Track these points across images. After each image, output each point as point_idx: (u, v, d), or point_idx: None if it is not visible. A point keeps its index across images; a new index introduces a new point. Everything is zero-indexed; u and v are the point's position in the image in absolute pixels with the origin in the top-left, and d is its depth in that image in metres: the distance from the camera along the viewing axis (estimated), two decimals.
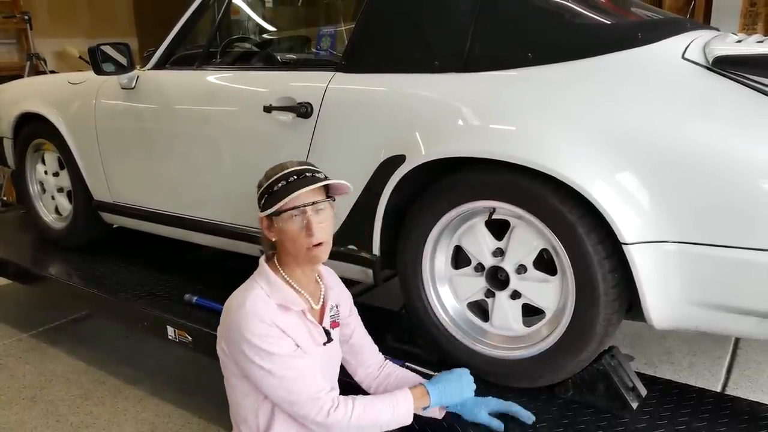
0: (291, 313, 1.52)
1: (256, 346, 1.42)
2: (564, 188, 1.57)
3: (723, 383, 2.57)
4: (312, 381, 1.45)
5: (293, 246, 1.49)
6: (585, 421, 1.67)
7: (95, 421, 2.49)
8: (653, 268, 1.52)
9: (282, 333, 1.46)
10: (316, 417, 1.42)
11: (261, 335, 1.43)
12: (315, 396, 1.43)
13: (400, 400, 1.51)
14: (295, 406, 1.43)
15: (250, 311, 1.44)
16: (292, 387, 1.43)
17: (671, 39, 1.66)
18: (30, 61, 5.91)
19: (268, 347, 1.42)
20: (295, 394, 1.43)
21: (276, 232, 1.51)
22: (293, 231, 1.47)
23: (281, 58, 2.78)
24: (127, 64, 2.54)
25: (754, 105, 1.46)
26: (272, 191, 1.48)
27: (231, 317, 1.48)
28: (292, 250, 1.51)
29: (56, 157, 3.08)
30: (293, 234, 1.48)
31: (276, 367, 1.42)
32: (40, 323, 3.35)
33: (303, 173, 1.49)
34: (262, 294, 1.49)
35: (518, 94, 1.70)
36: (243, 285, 1.56)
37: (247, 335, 1.43)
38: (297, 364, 1.45)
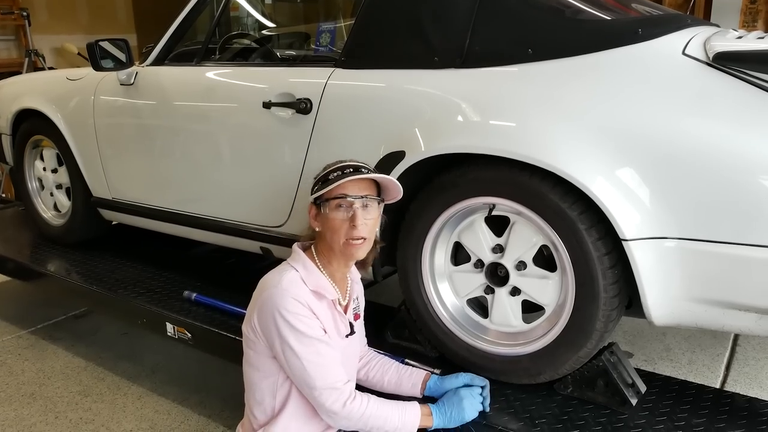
0: (323, 301, 1.55)
1: (289, 323, 1.45)
2: (564, 184, 1.57)
3: (722, 380, 2.58)
4: (334, 369, 1.49)
5: (333, 236, 1.52)
6: (584, 417, 1.67)
7: (94, 417, 2.49)
8: (653, 265, 1.52)
9: (314, 316, 1.49)
10: (332, 405, 1.47)
11: (295, 313, 1.46)
12: (334, 385, 1.47)
13: (409, 412, 1.55)
14: (315, 390, 1.47)
15: (286, 289, 1.48)
16: (315, 372, 1.46)
17: (672, 35, 1.65)
18: (28, 57, 5.91)
19: (300, 326, 1.46)
20: (318, 380, 1.46)
21: (321, 221, 1.54)
22: (337, 220, 1.51)
23: (280, 54, 2.78)
24: (126, 60, 2.54)
25: (755, 101, 1.46)
26: (326, 179, 1.53)
27: (266, 293, 1.50)
28: (331, 241, 1.53)
29: (55, 153, 3.07)
30: (336, 223, 1.51)
31: (304, 349, 1.46)
32: (39, 320, 3.35)
33: (360, 168, 1.54)
34: (298, 277, 1.52)
35: (518, 90, 1.70)
36: (277, 268, 1.58)
37: (282, 311, 1.46)
38: (323, 349, 1.48)
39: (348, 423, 1.49)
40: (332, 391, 1.47)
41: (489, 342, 1.84)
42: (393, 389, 1.76)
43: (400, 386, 1.75)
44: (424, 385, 1.74)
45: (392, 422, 1.51)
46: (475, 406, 1.66)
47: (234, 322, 2.21)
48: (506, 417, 1.68)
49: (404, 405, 1.56)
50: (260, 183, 2.23)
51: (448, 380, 1.73)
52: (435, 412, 1.60)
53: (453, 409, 1.62)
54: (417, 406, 1.57)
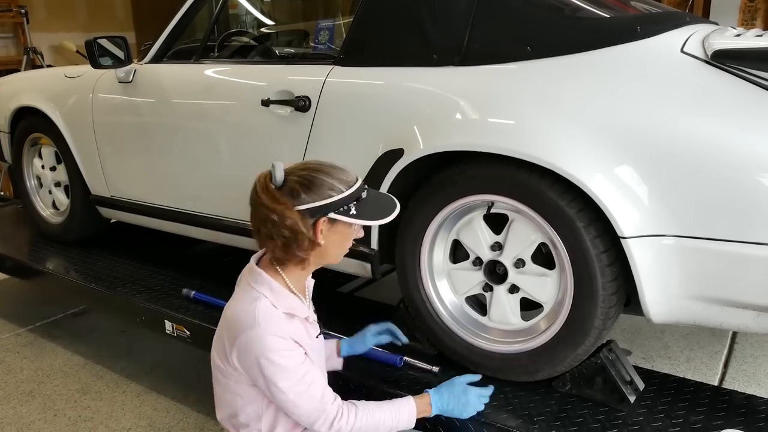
0: (295, 319, 1.48)
1: (274, 363, 1.38)
2: (562, 182, 1.57)
3: (720, 377, 2.58)
4: (319, 392, 1.44)
5: (339, 250, 1.49)
6: (583, 415, 1.67)
7: (93, 415, 2.49)
8: (651, 262, 1.52)
9: (294, 343, 1.43)
10: (321, 428, 1.44)
11: (278, 350, 1.39)
12: (321, 408, 1.44)
13: (402, 409, 1.53)
14: (302, 417, 1.44)
15: (265, 329, 1.39)
16: (301, 400, 1.42)
17: (670, 33, 1.65)
18: (27, 55, 5.90)
19: (284, 362, 1.39)
20: (303, 407, 1.43)
21: (330, 236, 1.44)
22: (349, 234, 1.48)
23: (279, 52, 2.77)
24: (125, 57, 2.53)
25: (753, 99, 1.46)
26: (361, 198, 1.45)
27: (245, 335, 1.40)
28: (333, 255, 1.49)
29: (53, 151, 3.07)
30: (347, 236, 1.48)
31: (289, 384, 1.40)
32: (37, 318, 3.35)
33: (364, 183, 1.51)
34: (269, 305, 1.43)
35: (517, 87, 1.70)
36: (242, 296, 1.47)
37: (267, 354, 1.38)
38: (307, 375, 1.43)
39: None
40: (320, 413, 1.43)
41: (487, 339, 1.84)
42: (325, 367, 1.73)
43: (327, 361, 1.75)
44: (338, 352, 1.81)
45: (386, 425, 1.49)
46: (477, 405, 1.64)
47: None
48: (505, 414, 1.68)
49: (397, 403, 1.54)
50: None
51: (358, 338, 1.84)
52: (434, 401, 1.58)
53: (453, 400, 1.59)
54: (410, 402, 1.55)
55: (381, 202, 1.50)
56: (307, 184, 1.40)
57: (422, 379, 1.86)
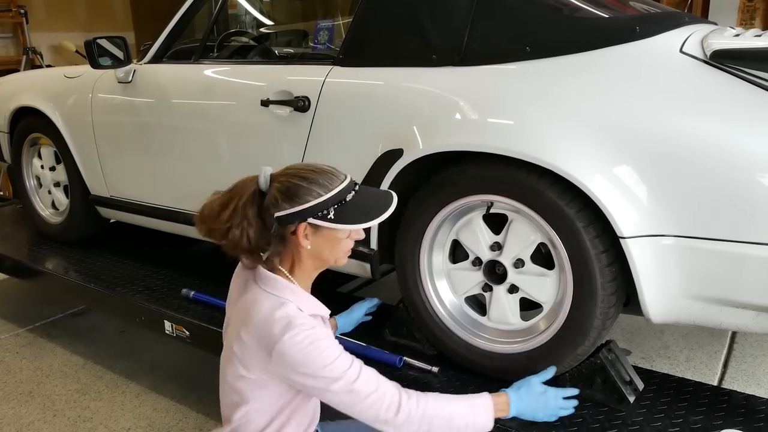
0: (318, 319, 1.46)
1: (319, 360, 1.34)
2: (562, 182, 1.57)
3: (720, 377, 2.58)
4: (372, 377, 1.38)
5: (332, 253, 1.44)
6: (582, 415, 1.67)
7: (92, 415, 2.49)
8: (651, 262, 1.52)
9: (331, 338, 1.40)
10: (388, 413, 1.35)
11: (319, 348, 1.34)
12: (382, 392, 1.36)
13: (477, 404, 1.45)
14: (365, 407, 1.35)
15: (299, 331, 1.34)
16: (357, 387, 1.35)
17: (669, 33, 1.65)
18: (26, 55, 5.90)
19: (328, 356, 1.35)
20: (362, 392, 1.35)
21: (317, 242, 1.42)
22: (339, 238, 1.43)
23: (279, 52, 2.77)
24: (124, 57, 2.53)
25: (752, 99, 1.46)
26: (345, 201, 1.40)
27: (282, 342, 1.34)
28: (328, 257, 1.45)
29: (53, 151, 3.07)
30: (342, 242, 1.43)
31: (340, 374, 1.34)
32: (37, 318, 3.35)
33: (355, 182, 1.45)
34: (296, 308, 1.39)
35: (516, 87, 1.70)
36: (264, 303, 1.40)
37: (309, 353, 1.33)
38: (355, 364, 1.37)
39: (409, 428, 1.36)
40: (382, 400, 1.35)
41: (487, 339, 1.84)
42: None
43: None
44: (334, 329, 1.87)
45: (461, 418, 1.40)
46: (555, 408, 1.58)
47: None
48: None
49: (472, 398, 1.45)
50: None
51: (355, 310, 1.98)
52: (513, 401, 1.52)
53: (532, 400, 1.55)
54: (487, 398, 1.46)
55: (368, 204, 1.43)
56: (284, 190, 1.39)
57: (422, 379, 1.87)
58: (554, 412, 1.59)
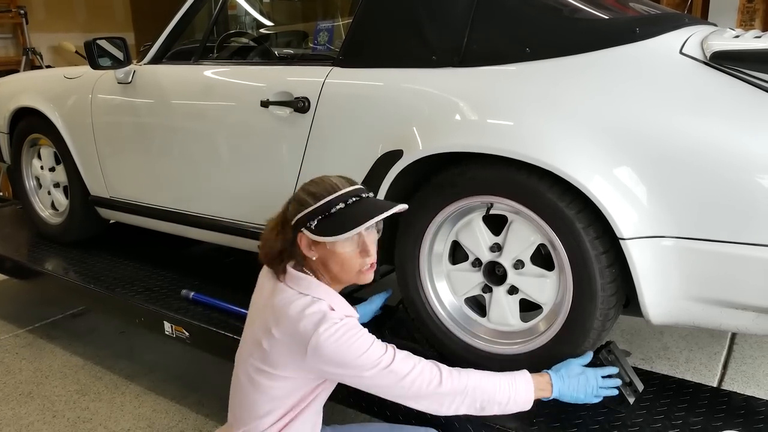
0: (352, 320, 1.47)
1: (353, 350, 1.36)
2: (562, 183, 1.57)
3: (719, 378, 2.58)
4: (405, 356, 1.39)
5: (342, 268, 1.44)
6: (582, 416, 1.67)
7: (92, 416, 2.49)
8: (651, 263, 1.52)
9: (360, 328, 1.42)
10: (430, 388, 1.36)
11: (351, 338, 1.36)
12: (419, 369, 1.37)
13: (518, 379, 1.46)
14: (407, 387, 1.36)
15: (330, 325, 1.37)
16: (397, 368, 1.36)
17: (669, 34, 1.65)
18: (26, 55, 5.91)
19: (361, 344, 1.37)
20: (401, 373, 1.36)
21: (321, 253, 1.42)
22: (346, 254, 1.42)
23: (278, 53, 2.77)
24: (124, 58, 2.53)
25: (752, 100, 1.46)
26: (329, 213, 1.39)
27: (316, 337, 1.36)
28: (340, 273, 1.45)
29: (52, 152, 3.07)
30: (346, 256, 1.43)
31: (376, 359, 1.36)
32: (36, 319, 3.34)
33: (359, 193, 1.43)
34: (327, 307, 1.41)
35: (516, 88, 1.70)
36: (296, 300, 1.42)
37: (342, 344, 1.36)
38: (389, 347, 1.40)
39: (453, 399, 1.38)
40: (422, 377, 1.36)
41: (487, 341, 1.84)
42: None
43: None
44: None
45: (503, 392, 1.42)
46: (595, 387, 1.57)
47: (232, 321, 2.22)
48: (504, 416, 1.67)
49: (512, 375, 1.47)
50: (258, 182, 2.22)
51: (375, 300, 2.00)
52: (555, 381, 1.53)
53: (573, 381, 1.55)
54: (527, 376, 1.48)
55: (359, 214, 1.41)
56: (296, 200, 1.47)
57: None
58: (595, 392, 1.59)
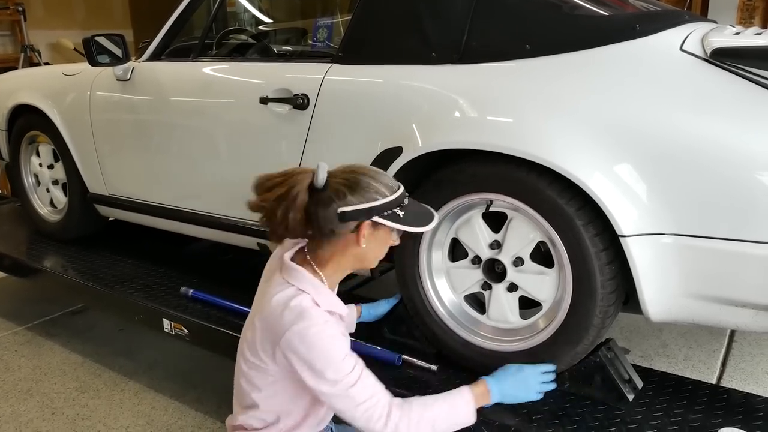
0: (335, 316, 1.46)
1: (322, 356, 1.34)
2: (561, 181, 1.56)
3: (718, 375, 2.59)
4: (369, 385, 1.38)
5: (376, 254, 1.47)
6: (581, 413, 1.67)
7: (91, 413, 2.49)
8: (650, 261, 1.52)
9: (341, 336, 1.41)
10: (376, 425, 1.36)
11: (325, 343, 1.35)
12: (373, 403, 1.37)
13: (456, 400, 1.46)
14: (356, 414, 1.36)
15: (310, 323, 1.35)
16: (352, 393, 1.35)
17: (669, 31, 1.65)
18: (24, 53, 5.90)
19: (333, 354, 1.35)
20: (355, 399, 1.36)
21: (371, 240, 1.42)
22: (389, 239, 1.46)
23: (277, 50, 2.77)
24: (122, 55, 2.52)
25: (752, 97, 1.46)
26: (404, 204, 1.43)
27: (291, 332, 1.35)
28: (372, 258, 1.47)
29: (51, 149, 3.06)
30: (387, 241, 1.46)
31: (339, 377, 1.35)
32: (35, 316, 3.34)
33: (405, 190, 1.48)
34: (311, 301, 1.40)
35: (515, 85, 1.69)
36: (281, 292, 1.42)
37: (313, 346, 1.34)
38: (357, 368, 1.37)
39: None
40: (372, 411, 1.36)
41: (486, 338, 1.84)
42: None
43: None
44: (358, 315, 1.90)
45: (443, 420, 1.42)
46: (535, 385, 1.60)
47: (231, 319, 2.21)
48: (503, 413, 1.68)
49: (451, 395, 1.46)
50: None
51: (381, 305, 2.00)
52: (492, 386, 1.53)
53: (511, 381, 1.56)
54: (465, 392, 1.47)
55: (420, 210, 1.48)
56: (352, 185, 1.38)
57: (421, 377, 1.86)
58: (536, 388, 1.62)
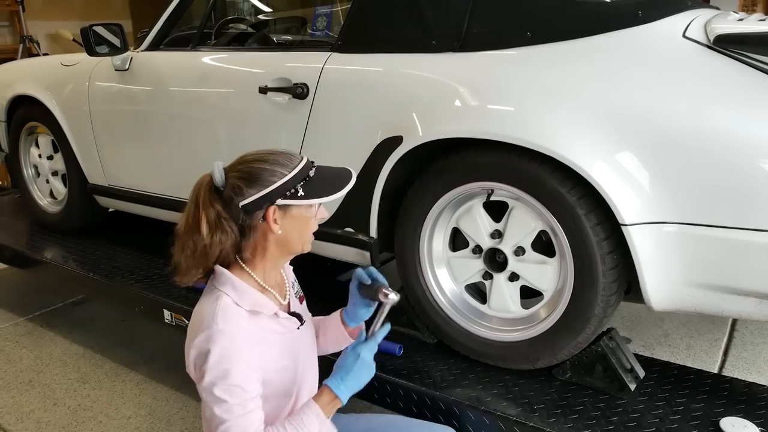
0: (261, 315, 1.41)
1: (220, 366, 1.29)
2: (563, 169, 1.55)
3: (720, 365, 2.58)
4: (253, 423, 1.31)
5: (300, 237, 1.40)
6: (583, 403, 1.67)
7: (93, 404, 2.49)
8: (653, 250, 1.51)
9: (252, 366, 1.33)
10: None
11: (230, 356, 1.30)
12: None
13: (306, 417, 1.36)
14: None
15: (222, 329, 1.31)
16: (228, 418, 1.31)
17: (672, 17, 1.63)
18: (23, 43, 5.88)
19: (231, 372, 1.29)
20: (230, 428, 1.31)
21: (286, 224, 1.37)
22: (308, 217, 1.40)
23: (277, 39, 2.75)
24: (121, 45, 2.51)
25: (756, 84, 1.44)
26: (308, 177, 1.37)
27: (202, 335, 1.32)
28: (292, 243, 1.40)
29: (50, 140, 3.05)
30: (308, 221, 1.40)
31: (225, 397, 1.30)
32: (36, 307, 3.34)
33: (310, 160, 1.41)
34: (230, 303, 1.35)
35: (517, 73, 1.68)
36: (205, 297, 1.40)
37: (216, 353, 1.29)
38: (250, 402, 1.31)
39: None
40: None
41: (487, 328, 1.83)
42: (336, 346, 1.63)
43: (337, 340, 1.63)
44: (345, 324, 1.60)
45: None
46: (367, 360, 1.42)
47: None
48: (504, 402, 1.68)
49: (300, 415, 1.36)
50: None
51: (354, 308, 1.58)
52: (334, 386, 1.40)
53: (346, 371, 1.40)
54: (315, 407, 1.37)
55: (332, 176, 1.41)
56: (246, 177, 1.35)
57: (421, 367, 1.86)
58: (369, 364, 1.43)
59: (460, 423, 1.68)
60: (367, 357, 1.42)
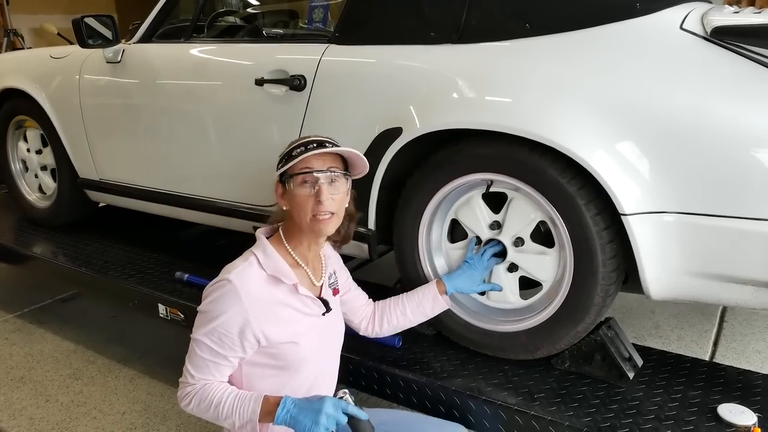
0: (282, 286, 1.49)
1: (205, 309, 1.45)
2: (563, 159, 1.56)
3: (710, 355, 2.62)
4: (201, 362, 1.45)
5: (300, 213, 1.48)
6: (582, 392, 1.68)
7: (86, 400, 2.47)
8: (652, 239, 1.52)
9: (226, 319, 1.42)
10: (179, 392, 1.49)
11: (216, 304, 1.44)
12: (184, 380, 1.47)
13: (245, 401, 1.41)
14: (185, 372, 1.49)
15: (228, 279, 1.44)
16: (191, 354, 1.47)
17: (669, 9, 1.64)
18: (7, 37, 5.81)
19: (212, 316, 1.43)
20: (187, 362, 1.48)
21: (288, 199, 1.50)
22: (302, 196, 1.47)
23: (273, 31, 2.73)
24: (113, 37, 2.48)
25: (752, 75, 1.46)
26: (290, 155, 1.48)
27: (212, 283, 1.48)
28: (299, 219, 1.49)
29: (39, 134, 3.02)
30: (302, 200, 1.47)
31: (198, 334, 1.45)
32: (25, 304, 3.31)
33: (324, 143, 1.49)
34: (255, 263, 1.48)
35: (515, 65, 1.68)
36: (238, 258, 1.53)
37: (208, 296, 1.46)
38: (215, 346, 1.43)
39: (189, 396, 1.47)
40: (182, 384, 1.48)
41: (486, 318, 1.84)
42: (421, 317, 1.81)
43: (425, 311, 1.80)
44: (442, 293, 1.80)
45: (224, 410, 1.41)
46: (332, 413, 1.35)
47: None
48: (504, 392, 1.69)
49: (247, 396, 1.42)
50: (252, 161, 2.20)
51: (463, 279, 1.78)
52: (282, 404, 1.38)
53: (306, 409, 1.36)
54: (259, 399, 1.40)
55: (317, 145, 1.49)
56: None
57: (421, 358, 1.87)
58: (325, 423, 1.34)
59: (462, 413, 1.69)
60: (329, 410, 1.34)
